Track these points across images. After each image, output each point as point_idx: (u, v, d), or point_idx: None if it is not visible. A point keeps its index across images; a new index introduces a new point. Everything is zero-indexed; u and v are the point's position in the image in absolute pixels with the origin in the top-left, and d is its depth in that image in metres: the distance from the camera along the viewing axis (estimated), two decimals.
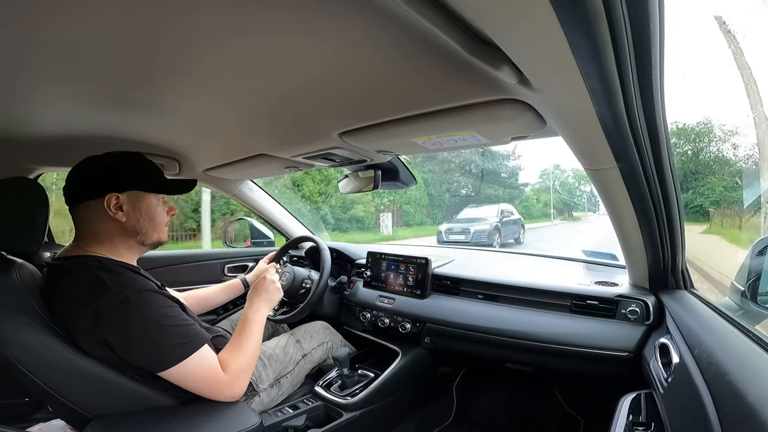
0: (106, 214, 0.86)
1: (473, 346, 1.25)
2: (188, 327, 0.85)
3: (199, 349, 0.83)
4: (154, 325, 0.79)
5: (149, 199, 0.92)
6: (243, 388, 0.91)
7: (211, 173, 1.49)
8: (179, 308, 0.88)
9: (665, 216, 0.84)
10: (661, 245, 0.91)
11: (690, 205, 11.11)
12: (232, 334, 0.98)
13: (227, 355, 0.92)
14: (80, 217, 0.88)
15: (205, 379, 0.85)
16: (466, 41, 0.48)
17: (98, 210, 0.86)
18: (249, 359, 0.94)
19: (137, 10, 0.49)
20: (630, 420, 0.76)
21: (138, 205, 0.90)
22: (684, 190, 11.76)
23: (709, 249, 5.65)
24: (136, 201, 0.90)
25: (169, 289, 1.02)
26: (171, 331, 0.81)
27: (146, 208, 0.91)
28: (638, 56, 0.47)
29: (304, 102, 0.80)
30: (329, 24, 0.51)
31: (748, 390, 0.47)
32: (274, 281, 1.14)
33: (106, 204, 0.85)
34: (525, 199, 24.89)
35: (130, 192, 0.89)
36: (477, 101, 0.71)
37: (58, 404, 0.79)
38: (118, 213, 0.87)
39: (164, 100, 0.82)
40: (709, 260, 3.38)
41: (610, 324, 1.05)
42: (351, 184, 1.43)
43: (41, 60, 0.61)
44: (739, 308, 0.94)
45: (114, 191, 0.86)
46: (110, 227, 0.88)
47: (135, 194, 0.89)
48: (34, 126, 0.96)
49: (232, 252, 1.93)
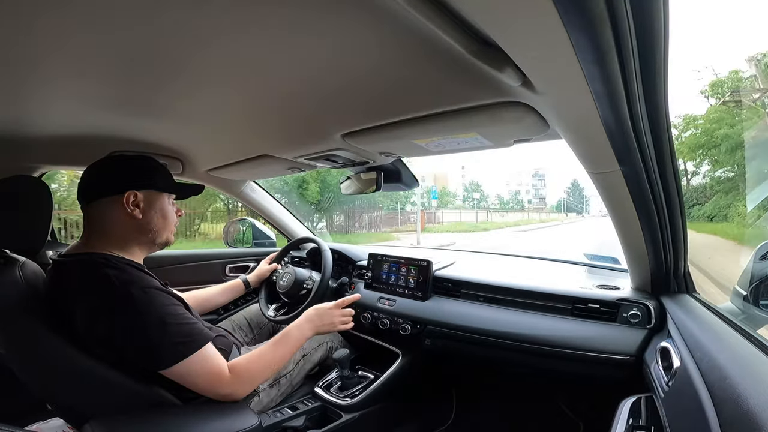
0: (123, 210, 0.87)
1: (474, 349, 1.24)
2: (192, 325, 0.85)
3: (202, 348, 0.84)
4: (158, 323, 0.79)
5: (164, 198, 0.95)
6: (245, 391, 0.91)
7: (213, 173, 1.49)
8: (183, 307, 0.88)
9: (668, 219, 0.84)
10: (663, 249, 0.91)
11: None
12: (233, 335, 0.98)
13: (244, 357, 0.93)
14: (95, 213, 0.89)
15: (206, 377, 0.85)
16: (469, 43, 0.48)
17: (115, 206, 0.87)
18: (263, 368, 0.94)
19: (140, 10, 0.49)
20: (630, 423, 0.76)
21: (153, 203, 0.92)
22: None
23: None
24: (152, 200, 0.92)
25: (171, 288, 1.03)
26: (174, 329, 0.81)
27: (161, 207, 0.94)
28: (642, 59, 0.47)
29: (307, 103, 0.81)
30: (333, 25, 0.52)
31: (750, 394, 0.47)
32: (337, 314, 1.13)
33: (125, 200, 0.87)
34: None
35: (147, 191, 0.91)
36: (480, 103, 0.71)
37: (57, 403, 0.79)
38: (135, 210, 0.89)
39: (167, 101, 0.82)
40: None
41: (612, 327, 1.05)
42: (353, 185, 1.43)
43: (44, 60, 0.62)
44: (741, 312, 0.93)
45: (133, 188, 0.89)
46: (125, 224, 0.89)
47: (151, 193, 0.92)
48: (38, 125, 0.97)
49: (234, 252, 1.93)
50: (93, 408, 0.80)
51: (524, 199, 67.75)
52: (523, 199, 67.44)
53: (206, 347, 0.85)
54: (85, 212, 0.90)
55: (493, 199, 61.88)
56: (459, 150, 0.99)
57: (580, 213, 64.31)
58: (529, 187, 69.46)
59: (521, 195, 68.20)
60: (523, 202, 66.16)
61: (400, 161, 1.31)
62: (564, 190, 68.74)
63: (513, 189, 68.53)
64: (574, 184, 65.79)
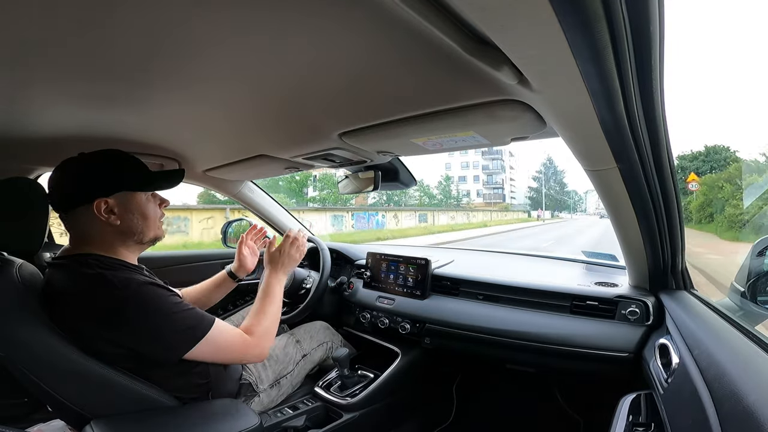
0: (99, 219, 0.83)
1: (473, 347, 1.25)
2: (195, 310, 0.86)
3: (214, 324, 0.85)
4: (164, 314, 0.80)
5: (139, 197, 0.89)
6: (268, 347, 0.96)
7: (211, 174, 1.49)
8: (179, 297, 0.88)
9: (665, 217, 0.84)
10: (660, 246, 0.91)
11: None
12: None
13: (250, 321, 0.96)
14: (72, 224, 0.86)
15: (232, 346, 0.88)
16: (465, 42, 0.48)
17: (89, 216, 0.83)
18: (271, 323, 0.98)
19: (137, 10, 0.49)
20: (630, 420, 0.76)
21: (129, 206, 0.87)
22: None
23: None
24: (126, 202, 0.86)
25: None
26: (183, 315, 0.82)
27: (137, 207, 0.88)
28: (638, 57, 0.47)
29: (303, 102, 0.80)
30: (329, 24, 0.51)
31: (748, 390, 0.47)
32: (286, 249, 1.12)
33: (95, 210, 0.82)
34: None
35: (118, 194, 0.85)
36: (477, 102, 0.71)
37: (58, 404, 0.79)
38: (111, 216, 0.84)
39: (164, 101, 0.82)
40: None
41: (610, 325, 1.05)
42: (351, 184, 1.43)
43: (40, 60, 0.61)
44: (739, 309, 0.94)
45: (101, 196, 0.83)
46: (105, 231, 0.85)
47: (123, 195, 0.86)
48: (34, 126, 0.96)
49: (231, 252, 1.92)
50: (93, 409, 0.80)
51: (471, 190, 45.21)
52: (465, 192, 44.03)
53: (217, 323, 0.86)
54: (63, 221, 0.87)
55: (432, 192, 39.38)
56: (456, 148, 0.99)
57: (564, 211, 46.19)
58: (478, 171, 46.01)
59: (468, 184, 45.42)
60: (458, 195, 41.79)
61: (397, 160, 1.31)
62: (531, 176, 48.59)
63: (454, 174, 44.51)
64: (547, 165, 45.71)
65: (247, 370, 1.09)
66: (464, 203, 42.01)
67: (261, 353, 0.94)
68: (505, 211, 40.52)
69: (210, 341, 0.83)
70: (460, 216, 29.18)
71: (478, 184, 46.00)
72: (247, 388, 1.07)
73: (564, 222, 36.85)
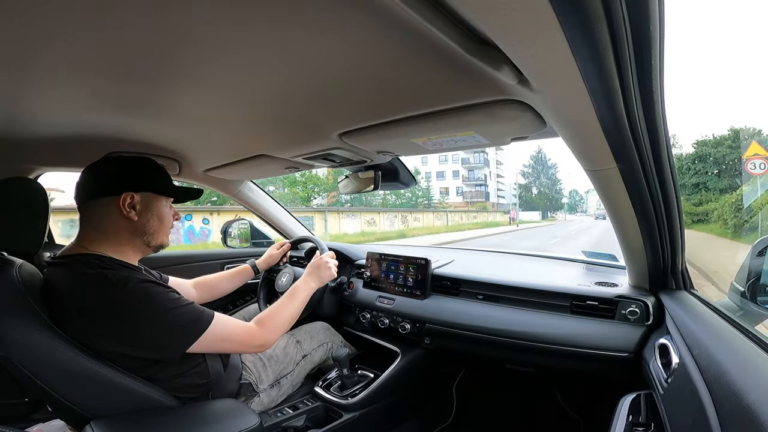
0: (119, 212, 0.87)
1: (473, 347, 1.25)
2: (194, 305, 0.87)
3: (214, 317, 0.87)
4: (167, 309, 0.81)
5: (161, 201, 0.95)
6: (274, 339, 0.99)
7: (211, 174, 1.49)
8: (178, 294, 0.89)
9: (665, 217, 0.84)
10: (660, 246, 0.91)
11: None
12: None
13: (267, 313, 1.00)
14: (91, 213, 0.89)
15: (236, 336, 0.91)
16: (465, 42, 0.48)
17: (111, 208, 0.87)
18: (283, 320, 1.02)
19: (138, 11, 0.49)
20: (630, 420, 0.76)
21: (150, 206, 0.92)
22: None
23: None
24: (149, 202, 0.92)
25: (173, 278, 1.14)
26: (183, 311, 0.84)
27: (157, 210, 0.94)
28: (638, 56, 0.47)
29: (304, 103, 0.80)
30: (329, 24, 0.51)
31: (748, 390, 0.47)
32: (329, 264, 1.22)
33: (121, 202, 0.87)
34: None
35: (144, 193, 0.91)
36: (477, 102, 0.71)
37: (58, 404, 0.79)
38: (131, 212, 0.89)
39: (164, 101, 0.82)
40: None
41: (610, 325, 1.05)
42: (351, 184, 1.43)
43: (41, 60, 0.61)
44: (738, 309, 0.94)
45: (130, 190, 0.88)
46: (120, 225, 0.89)
47: (148, 196, 0.92)
48: (35, 127, 0.96)
49: (232, 252, 1.93)
50: (93, 409, 0.80)
51: (450, 188, 38.62)
52: (443, 190, 37.76)
53: (217, 316, 0.88)
54: (81, 211, 0.90)
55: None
56: (457, 148, 0.99)
57: (558, 210, 39.01)
58: (458, 166, 38.23)
59: (446, 180, 38.69)
60: (428, 192, 34.08)
61: (398, 160, 1.31)
62: (520, 171, 42.85)
63: (431, 169, 38.18)
64: (537, 159, 39.50)
65: (248, 370, 1.09)
66: (436, 202, 35.52)
67: (264, 343, 0.96)
68: (484, 212, 34.86)
69: (213, 333, 0.85)
70: (412, 219, 22.59)
71: (458, 180, 38.68)
72: (247, 388, 1.08)
73: (552, 225, 30.99)
